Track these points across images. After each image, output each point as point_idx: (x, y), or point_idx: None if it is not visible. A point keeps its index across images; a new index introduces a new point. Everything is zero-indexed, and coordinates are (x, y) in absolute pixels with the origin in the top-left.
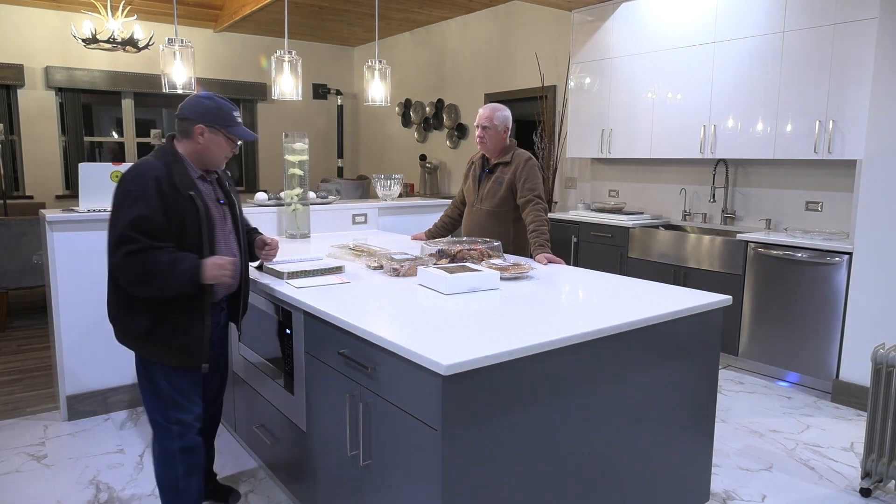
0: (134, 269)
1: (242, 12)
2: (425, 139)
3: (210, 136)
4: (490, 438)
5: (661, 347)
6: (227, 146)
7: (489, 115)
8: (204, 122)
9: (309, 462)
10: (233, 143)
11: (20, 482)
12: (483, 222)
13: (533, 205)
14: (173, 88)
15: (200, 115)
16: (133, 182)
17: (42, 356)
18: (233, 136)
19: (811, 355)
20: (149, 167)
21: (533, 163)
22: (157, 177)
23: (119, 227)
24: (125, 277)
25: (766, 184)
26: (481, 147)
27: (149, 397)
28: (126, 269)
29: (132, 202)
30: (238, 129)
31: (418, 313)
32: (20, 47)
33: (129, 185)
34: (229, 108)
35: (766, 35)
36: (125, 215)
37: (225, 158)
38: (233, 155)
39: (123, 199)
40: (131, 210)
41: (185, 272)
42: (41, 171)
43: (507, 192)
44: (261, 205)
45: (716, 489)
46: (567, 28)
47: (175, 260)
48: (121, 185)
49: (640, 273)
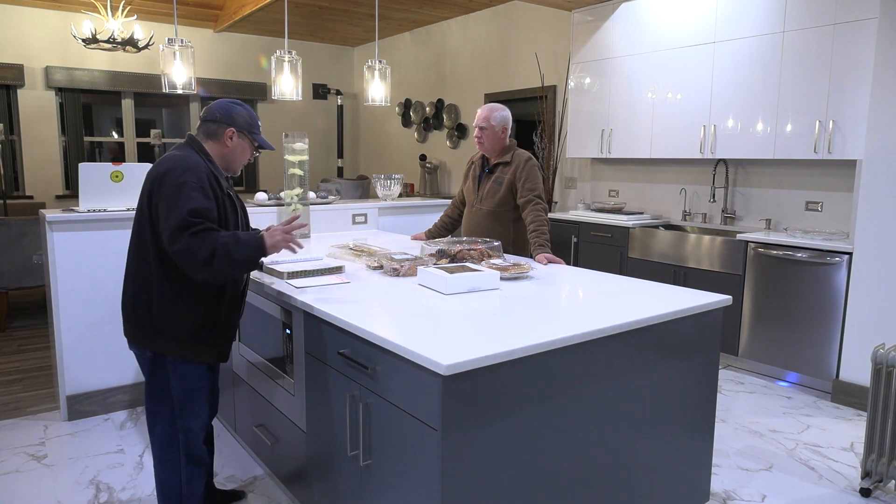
0: (200, 249)
1: (242, 12)
2: (425, 139)
3: (238, 140)
4: (490, 438)
5: (661, 347)
6: (249, 152)
7: (487, 115)
8: (235, 127)
9: (309, 462)
10: (253, 151)
11: (20, 482)
12: (483, 222)
13: (533, 205)
14: (173, 88)
15: (232, 119)
16: (188, 174)
17: (42, 356)
18: (258, 143)
19: (811, 355)
20: (196, 162)
21: (533, 163)
22: (207, 172)
23: (180, 214)
24: (190, 260)
25: (766, 184)
26: (479, 147)
27: (155, 404)
28: (191, 251)
29: (191, 192)
30: (262, 137)
31: (418, 313)
32: (20, 47)
33: (185, 177)
34: (256, 117)
35: (766, 35)
36: (186, 204)
37: (243, 165)
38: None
39: (180, 190)
40: (191, 200)
41: (248, 242)
42: (41, 171)
43: (506, 192)
44: (261, 205)
45: (716, 489)
46: (567, 28)
47: (236, 234)
48: (171, 177)
49: (640, 273)
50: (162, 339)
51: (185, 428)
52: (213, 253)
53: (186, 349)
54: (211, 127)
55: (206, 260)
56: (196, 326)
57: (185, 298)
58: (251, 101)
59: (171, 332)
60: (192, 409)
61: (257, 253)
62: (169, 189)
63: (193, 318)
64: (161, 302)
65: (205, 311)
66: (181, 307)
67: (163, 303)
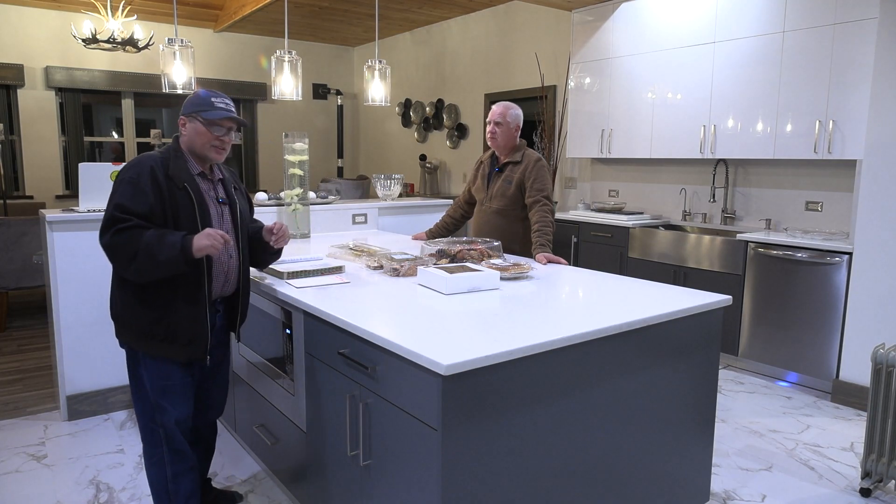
0: (123, 247)
1: (242, 12)
2: (425, 139)
3: (190, 125)
4: (490, 438)
5: (661, 347)
6: (207, 132)
7: (502, 111)
8: (183, 113)
9: (309, 462)
10: (216, 128)
11: (20, 482)
12: (493, 221)
13: (540, 205)
14: (173, 88)
15: (183, 107)
16: (128, 170)
17: (42, 356)
18: (208, 119)
19: (811, 355)
20: (146, 157)
21: (543, 163)
22: (152, 166)
23: (109, 210)
24: (116, 257)
25: (766, 184)
26: (492, 144)
27: (136, 398)
28: (115, 248)
29: (125, 186)
30: (212, 112)
31: (418, 313)
32: (20, 47)
33: (124, 173)
34: (207, 95)
35: (766, 35)
36: (115, 199)
37: (213, 148)
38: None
39: (117, 186)
40: (122, 194)
41: (174, 243)
42: (41, 171)
43: (516, 191)
44: (261, 205)
45: (716, 489)
46: (567, 28)
47: (163, 233)
48: (118, 175)
49: (640, 273)
50: (128, 334)
51: (162, 423)
52: (135, 252)
53: (148, 346)
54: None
55: (129, 258)
56: (151, 323)
57: (137, 295)
58: (251, 102)
59: (132, 328)
60: (162, 405)
61: (181, 256)
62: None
63: (147, 315)
64: (120, 298)
65: (157, 309)
66: (134, 303)
67: (121, 299)
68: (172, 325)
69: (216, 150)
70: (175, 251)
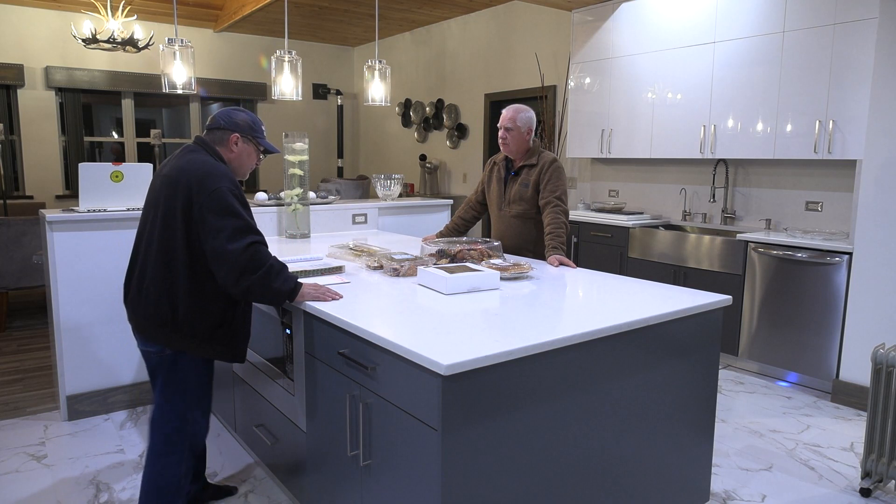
0: (252, 259)
1: (242, 12)
2: (425, 139)
3: (243, 145)
4: (490, 438)
5: (661, 347)
6: (255, 157)
7: (513, 115)
8: (239, 132)
9: (309, 462)
10: (259, 155)
11: (20, 482)
12: (513, 225)
13: (553, 207)
14: (173, 88)
15: (236, 125)
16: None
17: (42, 356)
18: (263, 147)
19: (811, 355)
20: (226, 169)
21: (558, 165)
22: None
23: (243, 218)
24: (237, 264)
25: (766, 184)
26: (504, 149)
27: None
28: (244, 257)
29: (243, 199)
30: (267, 141)
31: (418, 313)
32: (20, 47)
33: (230, 184)
34: (260, 122)
35: (766, 35)
36: (242, 210)
37: (250, 170)
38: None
39: (230, 196)
40: (246, 206)
41: (289, 279)
42: (41, 171)
43: (533, 193)
44: (261, 205)
45: (716, 489)
46: (567, 28)
47: (284, 265)
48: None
49: (640, 273)
50: (183, 340)
51: (194, 419)
52: (257, 268)
53: (206, 347)
54: (217, 135)
55: (250, 271)
56: (215, 324)
57: (210, 297)
58: (251, 102)
59: (190, 333)
60: (202, 401)
61: (287, 293)
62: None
63: (214, 316)
64: (187, 300)
65: (225, 311)
66: (206, 304)
67: (189, 301)
68: (235, 326)
69: (250, 172)
70: (288, 286)
